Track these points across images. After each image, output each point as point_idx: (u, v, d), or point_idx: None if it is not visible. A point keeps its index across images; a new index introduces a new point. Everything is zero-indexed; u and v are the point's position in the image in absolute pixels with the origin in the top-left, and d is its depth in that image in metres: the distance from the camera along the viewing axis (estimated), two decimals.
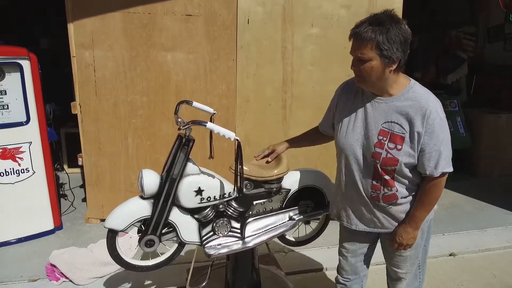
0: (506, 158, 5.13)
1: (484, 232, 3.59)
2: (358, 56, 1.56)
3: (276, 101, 3.41)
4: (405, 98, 1.62)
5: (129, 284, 2.73)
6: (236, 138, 1.80)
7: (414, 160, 1.63)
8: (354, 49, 1.57)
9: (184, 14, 3.18)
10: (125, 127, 3.37)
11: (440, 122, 1.58)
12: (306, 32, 3.29)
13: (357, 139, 1.71)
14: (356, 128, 1.72)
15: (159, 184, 1.85)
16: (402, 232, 1.75)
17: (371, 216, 1.80)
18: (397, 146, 1.62)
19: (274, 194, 2.10)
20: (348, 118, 1.75)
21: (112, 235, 1.86)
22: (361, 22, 1.54)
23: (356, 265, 2.01)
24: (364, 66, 1.56)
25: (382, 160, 1.64)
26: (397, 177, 1.68)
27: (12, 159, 3.14)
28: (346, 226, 1.91)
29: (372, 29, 1.49)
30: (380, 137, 1.64)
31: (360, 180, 1.75)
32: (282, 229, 2.13)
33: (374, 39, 1.49)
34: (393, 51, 1.51)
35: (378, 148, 1.65)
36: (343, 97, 1.83)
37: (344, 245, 2.01)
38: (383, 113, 1.65)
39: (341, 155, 1.80)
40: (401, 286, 1.99)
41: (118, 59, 3.23)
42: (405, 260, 1.89)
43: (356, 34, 1.54)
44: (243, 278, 2.26)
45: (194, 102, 2.06)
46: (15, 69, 3.05)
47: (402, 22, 1.53)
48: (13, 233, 3.23)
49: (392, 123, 1.63)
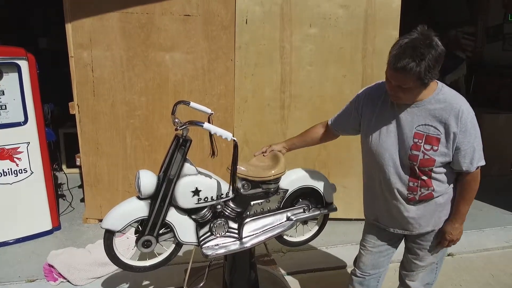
0: (505, 158, 5.13)
1: (483, 232, 3.59)
2: (399, 86, 1.61)
3: (274, 101, 3.41)
4: (436, 100, 1.68)
5: (127, 285, 2.72)
6: (233, 139, 1.79)
7: (449, 158, 1.70)
8: (395, 79, 1.61)
9: (182, 14, 3.18)
10: (123, 127, 3.36)
11: (471, 120, 1.66)
12: (305, 32, 3.29)
13: (392, 144, 1.77)
14: (389, 133, 1.77)
15: (156, 184, 1.84)
16: (451, 229, 1.83)
17: (405, 218, 1.84)
18: (433, 147, 1.69)
19: (272, 194, 2.10)
20: (380, 124, 1.80)
21: (109, 236, 1.85)
22: (399, 54, 1.54)
23: (379, 260, 2.03)
24: (405, 92, 1.63)
25: (419, 161, 1.71)
26: (434, 176, 1.74)
27: (10, 159, 3.14)
28: (380, 227, 1.96)
29: (414, 64, 1.51)
30: (416, 139, 1.71)
31: (397, 183, 1.80)
32: (280, 229, 2.13)
33: (417, 74, 1.53)
34: (433, 75, 1.57)
35: (415, 151, 1.71)
36: (369, 104, 1.87)
37: (368, 239, 2.03)
38: (415, 117, 1.71)
39: (375, 161, 1.84)
40: (415, 278, 2.00)
41: (116, 59, 3.23)
42: (430, 253, 1.92)
43: (396, 69, 1.55)
44: (241, 279, 2.26)
45: (191, 102, 2.06)
46: (13, 69, 3.05)
47: (436, 41, 1.54)
48: (11, 234, 3.23)
49: (426, 126, 1.69)
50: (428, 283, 2.03)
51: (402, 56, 1.53)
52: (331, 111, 3.21)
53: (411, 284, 2.02)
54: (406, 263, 2.03)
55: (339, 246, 3.23)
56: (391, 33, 3.25)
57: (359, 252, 2.09)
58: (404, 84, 1.59)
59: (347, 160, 3.43)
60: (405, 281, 2.05)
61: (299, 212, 2.21)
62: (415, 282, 2.01)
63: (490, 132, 4.99)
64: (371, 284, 2.08)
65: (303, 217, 2.21)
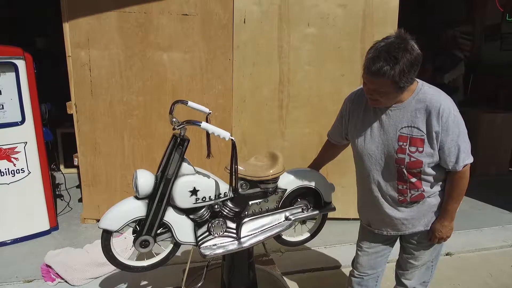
0: (503, 157, 5.14)
1: (481, 232, 3.60)
2: (375, 89, 1.61)
3: (272, 101, 3.41)
4: (416, 101, 1.68)
5: (125, 285, 2.72)
6: (231, 138, 1.79)
7: (436, 158, 1.69)
8: (370, 83, 1.61)
9: (180, 13, 3.17)
10: (121, 127, 3.35)
11: (453, 118, 1.63)
12: (303, 32, 3.28)
13: (376, 148, 1.77)
14: (374, 138, 1.77)
15: (153, 184, 1.84)
16: (440, 227, 1.82)
17: (398, 220, 1.85)
18: (419, 149, 1.67)
19: (270, 194, 2.09)
20: (364, 128, 1.80)
21: (107, 236, 1.84)
22: (374, 58, 1.55)
23: (375, 260, 2.04)
24: (381, 96, 1.63)
25: (407, 164, 1.70)
26: (423, 177, 1.74)
27: (7, 159, 3.13)
28: (373, 231, 1.96)
29: (388, 68, 1.52)
30: (400, 143, 1.70)
31: (385, 186, 1.80)
32: (278, 229, 2.12)
33: (391, 77, 1.53)
34: (409, 79, 1.57)
35: (401, 154, 1.70)
36: (355, 108, 1.87)
37: (364, 240, 2.04)
38: (398, 119, 1.70)
39: (363, 166, 1.85)
40: (411, 277, 2.00)
41: (114, 59, 3.22)
42: (424, 252, 1.92)
43: (371, 72, 1.56)
44: (239, 279, 2.25)
45: (189, 101, 2.05)
46: (10, 68, 3.03)
47: (412, 44, 1.55)
48: (8, 234, 3.21)
49: (409, 128, 1.68)
50: (424, 281, 2.03)
51: (376, 59, 1.53)
52: (329, 111, 3.25)
53: (408, 283, 2.03)
54: (401, 262, 2.04)
55: (337, 245, 3.23)
56: (389, 32, 3.14)
57: (356, 253, 2.10)
58: (380, 87, 1.59)
59: (345, 159, 3.39)
60: (401, 280, 2.05)
61: (298, 211, 2.21)
62: (411, 281, 2.02)
63: (488, 132, 5.01)
64: (370, 284, 2.09)
65: (302, 217, 2.21)
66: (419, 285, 2.03)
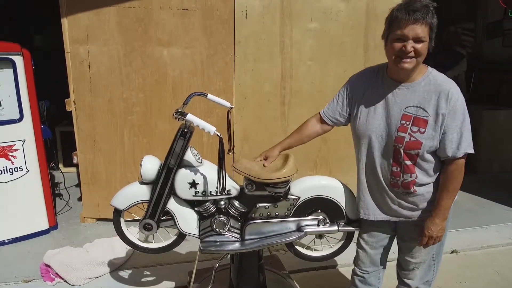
0: (506, 154, 5.10)
1: (486, 229, 3.56)
2: (419, 36, 1.57)
3: (274, 97, 3.36)
4: (426, 82, 1.67)
5: (125, 285, 2.67)
6: (217, 134, 1.70)
7: (437, 143, 1.66)
8: (411, 30, 1.58)
9: (180, 8, 3.12)
10: (121, 124, 3.30)
11: (461, 103, 1.64)
12: (305, 27, 3.24)
13: (378, 125, 1.74)
14: (377, 115, 1.75)
15: (157, 171, 1.87)
16: (430, 224, 1.75)
17: (390, 204, 1.82)
18: (420, 129, 1.66)
19: (280, 199, 1.97)
20: (368, 105, 1.78)
21: (117, 214, 1.98)
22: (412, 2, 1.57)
23: (375, 257, 2.01)
24: (421, 46, 1.59)
25: (405, 144, 1.68)
26: (418, 162, 1.70)
27: (5, 157, 3.08)
28: (364, 217, 1.92)
29: (430, 13, 1.56)
30: (403, 121, 1.68)
31: (381, 166, 1.78)
32: (287, 238, 1.99)
33: (430, 21, 1.56)
34: (434, 37, 1.61)
35: (401, 132, 1.68)
36: (360, 86, 1.84)
37: (363, 237, 2.00)
38: (405, 98, 1.69)
39: (361, 143, 1.82)
40: (412, 276, 1.97)
41: (114, 55, 3.17)
42: (420, 249, 1.88)
43: (414, 14, 1.55)
44: (249, 282, 2.17)
45: (209, 94, 2.03)
46: (7, 65, 2.98)
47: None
48: (7, 233, 3.17)
49: (415, 107, 1.67)
50: (427, 280, 2.00)
51: (413, 4, 1.56)
52: None
53: (410, 282, 1.99)
54: (401, 261, 2.01)
55: None
56: None
57: (357, 251, 2.07)
58: (421, 32, 1.56)
59: (348, 157, 3.36)
60: (403, 280, 2.02)
61: (312, 224, 2.03)
62: (413, 281, 1.98)
63: (491, 129, 4.98)
64: (372, 282, 2.07)
65: (315, 230, 2.02)
66: (422, 284, 1.99)
